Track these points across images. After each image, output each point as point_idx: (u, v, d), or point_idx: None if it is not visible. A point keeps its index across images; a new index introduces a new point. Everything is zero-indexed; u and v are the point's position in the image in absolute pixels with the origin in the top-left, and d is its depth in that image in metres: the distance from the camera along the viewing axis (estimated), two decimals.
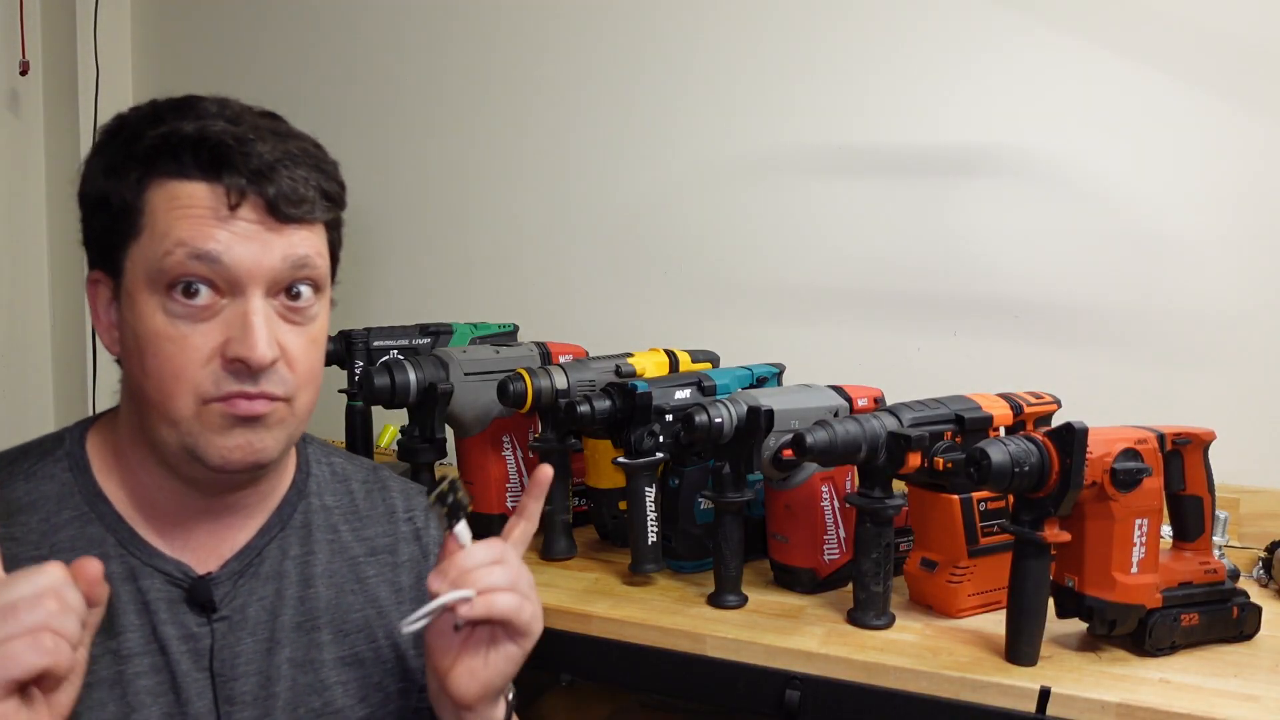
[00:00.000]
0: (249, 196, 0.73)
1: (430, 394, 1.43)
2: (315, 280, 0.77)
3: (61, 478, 0.79)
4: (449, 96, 2.06)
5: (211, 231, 0.72)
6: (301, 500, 0.87)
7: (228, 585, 0.80)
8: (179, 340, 0.72)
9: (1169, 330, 1.57)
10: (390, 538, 0.91)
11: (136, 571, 0.77)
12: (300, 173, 0.75)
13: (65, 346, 2.25)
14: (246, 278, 0.73)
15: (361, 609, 0.87)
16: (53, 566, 0.61)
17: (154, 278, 0.73)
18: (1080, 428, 1.03)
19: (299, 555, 0.85)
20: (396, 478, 0.97)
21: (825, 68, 1.76)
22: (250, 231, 0.73)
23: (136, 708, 0.75)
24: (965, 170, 1.67)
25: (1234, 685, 1.04)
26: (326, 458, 0.93)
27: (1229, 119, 1.52)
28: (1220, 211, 1.54)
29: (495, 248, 2.05)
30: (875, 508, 1.16)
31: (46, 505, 0.78)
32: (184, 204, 0.73)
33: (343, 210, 0.83)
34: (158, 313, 0.73)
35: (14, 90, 2.12)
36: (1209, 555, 1.19)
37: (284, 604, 0.83)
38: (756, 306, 1.83)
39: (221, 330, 0.73)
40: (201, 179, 0.73)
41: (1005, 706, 1.03)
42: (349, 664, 0.86)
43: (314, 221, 0.77)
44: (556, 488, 1.41)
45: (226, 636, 0.79)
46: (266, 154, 0.74)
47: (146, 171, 0.74)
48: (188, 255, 0.71)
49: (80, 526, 0.77)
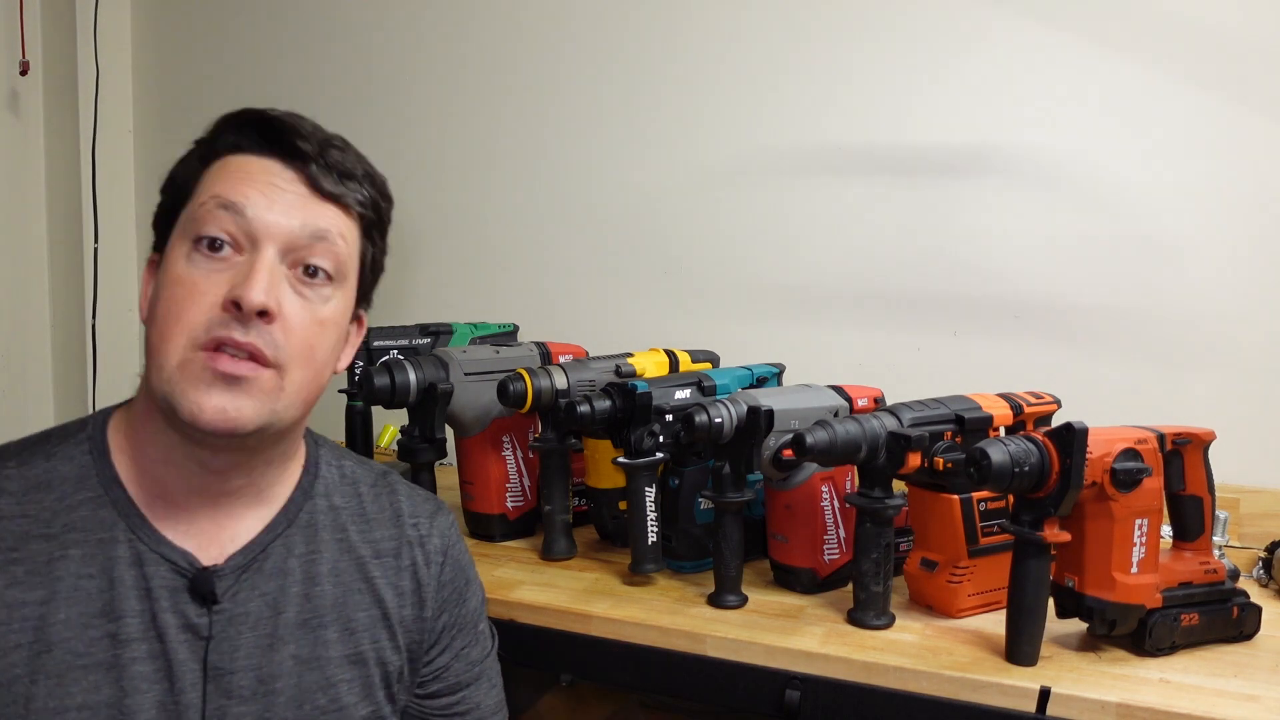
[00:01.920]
0: (292, 168, 0.79)
1: (430, 394, 1.43)
2: (333, 259, 0.80)
3: (81, 460, 0.80)
4: (448, 98, 2.06)
5: (244, 188, 0.77)
6: (308, 500, 0.88)
7: (231, 579, 0.81)
8: (189, 285, 0.75)
9: (1169, 330, 1.57)
10: (395, 541, 0.92)
11: (143, 557, 0.78)
12: (345, 160, 0.81)
13: (65, 346, 2.25)
14: (264, 233, 0.76)
15: (368, 608, 0.88)
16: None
17: (186, 229, 0.77)
18: (1080, 428, 1.03)
19: (304, 553, 0.86)
20: (405, 483, 0.98)
21: (826, 68, 1.76)
22: (281, 197, 0.78)
23: (130, 692, 0.76)
24: (966, 170, 1.68)
25: (1234, 685, 1.04)
26: (338, 460, 0.94)
27: (1230, 119, 1.53)
28: (1221, 211, 1.54)
29: (495, 248, 2.05)
30: (875, 508, 1.16)
31: (64, 486, 0.79)
32: (232, 170, 0.78)
33: (382, 222, 0.87)
34: (181, 260, 0.76)
35: (14, 90, 2.12)
36: (1209, 555, 1.19)
37: (287, 601, 0.83)
38: (756, 306, 1.83)
39: (229, 279, 0.75)
40: (257, 152, 0.79)
41: (1005, 706, 1.03)
42: (354, 662, 0.86)
43: (347, 207, 0.81)
44: (556, 487, 1.42)
45: (226, 629, 0.80)
46: (316, 137, 0.80)
47: (210, 149, 0.80)
48: (216, 204, 0.76)
49: (94, 509, 0.78)
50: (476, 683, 0.98)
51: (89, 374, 2.21)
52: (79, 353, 2.23)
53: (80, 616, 0.75)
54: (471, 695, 0.97)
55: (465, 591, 0.96)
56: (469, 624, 0.97)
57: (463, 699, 0.96)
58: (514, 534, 1.53)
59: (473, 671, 0.97)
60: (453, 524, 0.98)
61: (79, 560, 0.77)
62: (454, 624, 0.95)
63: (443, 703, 0.96)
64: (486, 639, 1.00)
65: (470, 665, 0.97)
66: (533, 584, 1.33)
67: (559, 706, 1.56)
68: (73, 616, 0.75)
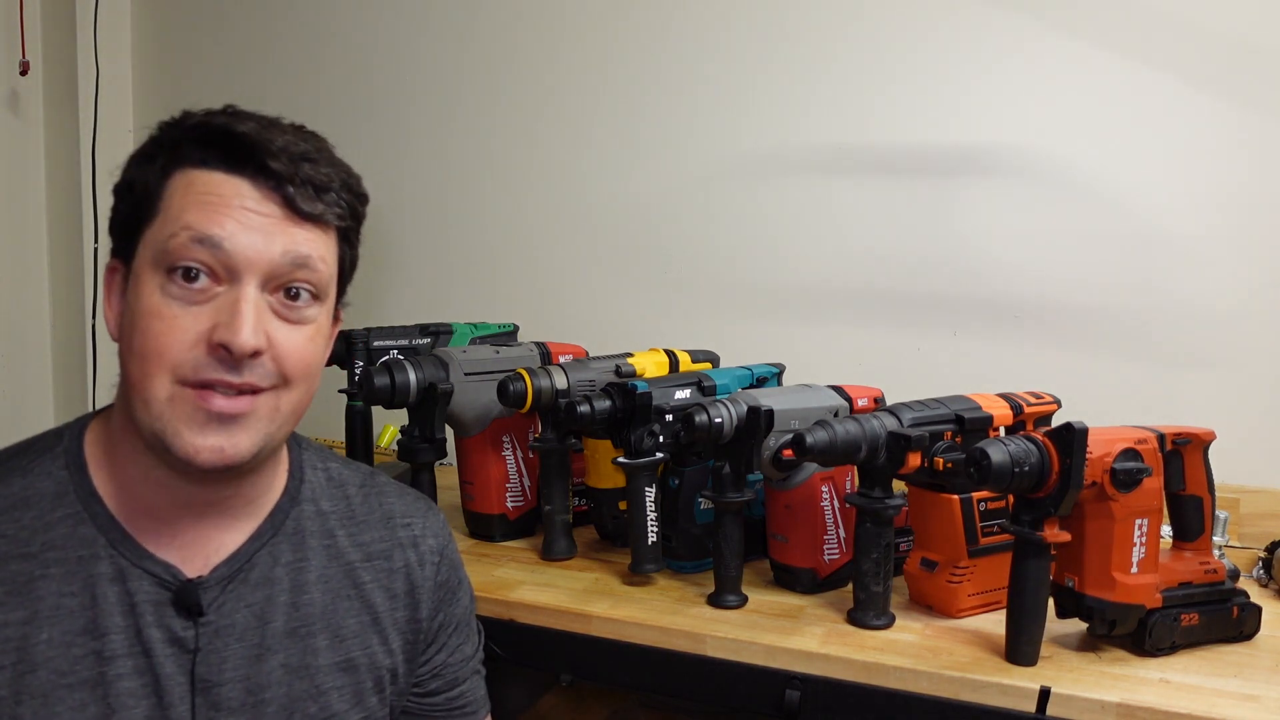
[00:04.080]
0: (264, 190, 0.74)
1: (430, 394, 1.43)
2: (315, 285, 0.77)
3: (58, 475, 0.78)
4: (448, 97, 2.06)
5: (219, 218, 0.73)
6: (294, 506, 0.86)
7: (216, 590, 0.79)
8: (169, 320, 0.72)
9: (1169, 330, 1.57)
10: (386, 543, 0.91)
11: (125, 573, 0.77)
12: (319, 175, 0.76)
13: (65, 346, 2.25)
14: (244, 266, 0.73)
15: (357, 614, 0.87)
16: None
17: (159, 259, 0.73)
18: (1080, 428, 1.03)
19: (291, 562, 0.84)
20: (394, 483, 0.96)
21: (825, 69, 1.76)
22: (258, 223, 0.74)
23: (117, 709, 0.75)
24: (965, 170, 1.68)
25: (1234, 685, 1.04)
26: (323, 463, 0.92)
27: (1229, 119, 1.52)
28: (1220, 211, 1.54)
29: (495, 248, 2.05)
30: (875, 508, 1.16)
31: (41, 503, 0.77)
32: (199, 191, 0.74)
33: (359, 224, 0.84)
34: (155, 292, 0.73)
35: (14, 90, 2.12)
36: (1209, 555, 1.19)
37: (275, 610, 0.82)
38: (756, 306, 1.83)
39: (211, 316, 0.72)
40: (222, 170, 0.74)
41: (1005, 706, 1.03)
42: (344, 669, 0.85)
43: (326, 225, 0.78)
44: (556, 487, 1.42)
45: (213, 641, 0.79)
46: (288, 152, 0.75)
47: (172, 159, 0.75)
48: (191, 239, 0.72)
49: (73, 526, 0.77)
50: (473, 676, 0.99)
51: (89, 374, 2.21)
52: (79, 353, 2.23)
53: (63, 635, 0.74)
54: (470, 689, 0.98)
55: (458, 590, 0.96)
56: (464, 621, 0.97)
57: (462, 693, 0.97)
58: (514, 534, 1.53)
59: (469, 666, 0.98)
60: (444, 523, 0.97)
61: (59, 579, 0.75)
62: (449, 623, 0.95)
63: (442, 699, 0.96)
64: (475, 634, 1.01)
65: (465, 660, 0.97)
66: (533, 584, 1.33)
67: (559, 706, 1.56)
68: (55, 635, 0.74)
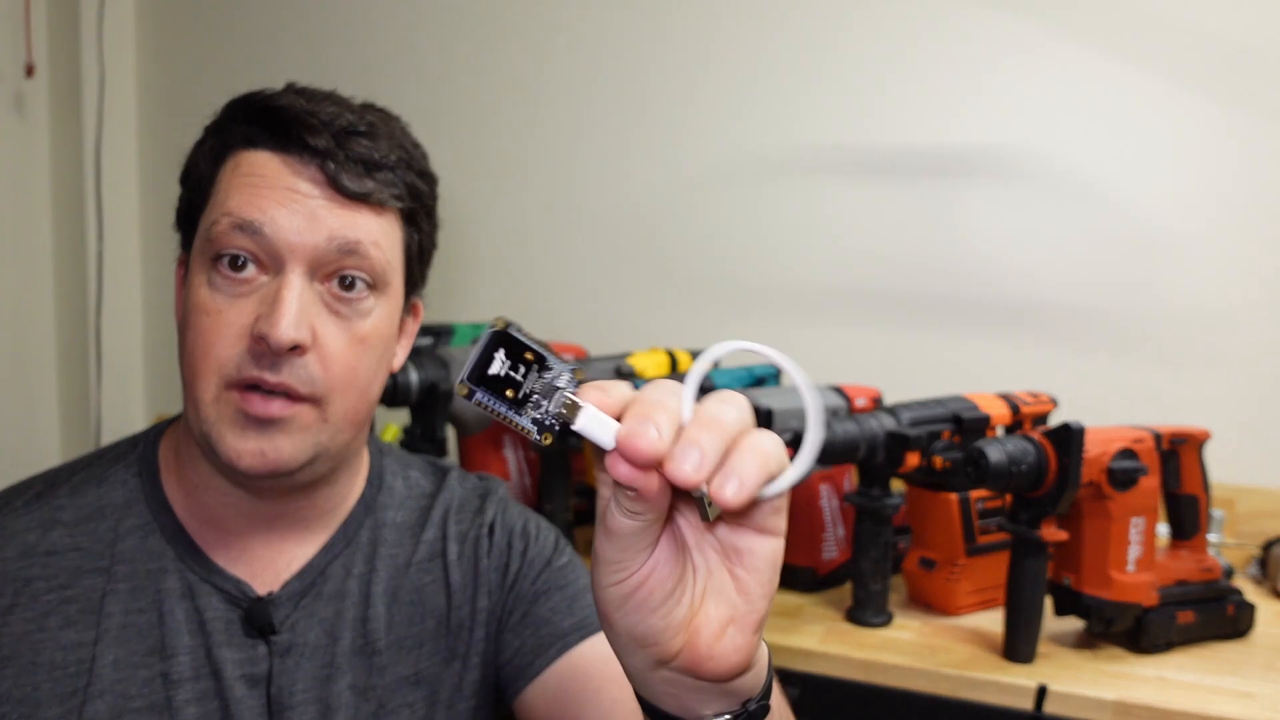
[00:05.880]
0: (311, 169, 0.69)
1: (431, 393, 1.44)
2: (370, 273, 0.70)
3: (130, 484, 0.75)
4: (448, 96, 2.07)
5: (260, 202, 0.68)
6: (369, 516, 0.81)
7: (288, 607, 0.75)
8: (215, 315, 0.68)
9: (1166, 330, 1.58)
10: (441, 539, 0.84)
11: (194, 589, 0.73)
12: (370, 151, 0.70)
13: (69, 347, 2.26)
14: (287, 252, 0.68)
15: (420, 621, 0.80)
16: None
17: (205, 248, 0.69)
18: (1077, 427, 1.04)
19: (362, 574, 0.79)
20: (458, 473, 0.89)
21: (826, 70, 1.76)
22: (303, 205, 0.68)
23: None
24: (965, 171, 1.68)
25: (1230, 682, 1.05)
26: (404, 470, 0.86)
27: (1227, 120, 1.53)
28: (1218, 211, 1.55)
29: (495, 248, 2.06)
30: (874, 507, 1.17)
31: (115, 513, 0.73)
32: (246, 172, 0.69)
33: (424, 205, 0.77)
34: (204, 285, 0.69)
35: (19, 92, 2.13)
36: (1205, 554, 1.19)
37: (344, 626, 0.77)
38: (756, 306, 1.84)
39: (255, 307, 0.68)
40: (270, 149, 0.70)
41: (1003, 704, 1.04)
42: (414, 683, 0.79)
43: (380, 206, 0.71)
44: (556, 487, 1.42)
45: (284, 662, 0.74)
46: (332, 127, 0.69)
47: (223, 141, 0.72)
48: (231, 225, 0.68)
49: (142, 538, 0.73)
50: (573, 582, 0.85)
51: (93, 375, 2.22)
52: (83, 354, 2.23)
53: (130, 656, 0.70)
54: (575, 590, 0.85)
55: (535, 556, 0.85)
56: (553, 573, 0.85)
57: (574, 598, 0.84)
58: None
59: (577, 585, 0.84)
60: (503, 499, 0.88)
61: (128, 594, 0.71)
62: (531, 590, 0.83)
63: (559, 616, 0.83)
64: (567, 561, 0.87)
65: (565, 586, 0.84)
66: None
67: None
68: (122, 657, 0.70)
